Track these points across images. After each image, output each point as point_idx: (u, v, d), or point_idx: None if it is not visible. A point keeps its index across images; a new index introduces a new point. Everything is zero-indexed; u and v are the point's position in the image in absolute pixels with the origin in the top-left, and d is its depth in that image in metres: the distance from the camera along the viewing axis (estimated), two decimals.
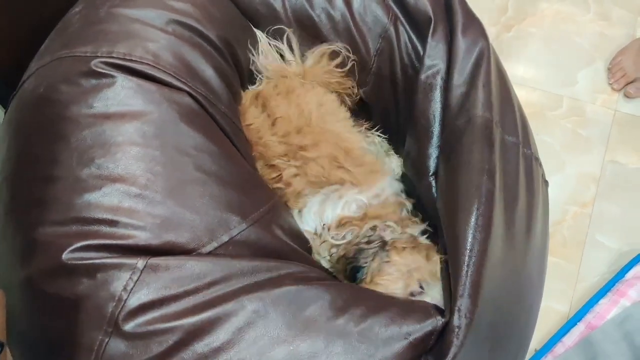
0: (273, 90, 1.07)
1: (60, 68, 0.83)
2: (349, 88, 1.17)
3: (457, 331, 0.74)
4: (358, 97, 1.19)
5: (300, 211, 1.00)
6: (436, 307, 0.81)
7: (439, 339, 0.76)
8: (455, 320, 0.75)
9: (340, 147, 1.02)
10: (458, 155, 0.94)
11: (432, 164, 1.03)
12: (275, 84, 1.09)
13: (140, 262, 0.72)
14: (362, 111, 1.23)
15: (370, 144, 1.14)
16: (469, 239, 0.81)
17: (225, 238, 0.80)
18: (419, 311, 0.79)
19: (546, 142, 1.59)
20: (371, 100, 1.19)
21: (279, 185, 1.00)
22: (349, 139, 1.05)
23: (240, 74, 1.06)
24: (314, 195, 0.99)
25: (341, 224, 0.96)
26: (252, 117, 1.03)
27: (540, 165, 1.06)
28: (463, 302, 0.76)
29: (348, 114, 1.12)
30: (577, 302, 1.36)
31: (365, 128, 1.17)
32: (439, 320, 0.77)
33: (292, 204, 1.00)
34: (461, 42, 1.03)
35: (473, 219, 0.82)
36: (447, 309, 0.78)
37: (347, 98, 1.17)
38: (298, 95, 1.05)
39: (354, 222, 0.95)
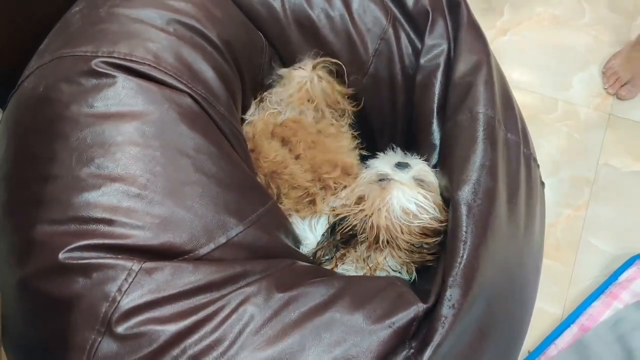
0: (290, 129, 1.12)
1: (60, 67, 0.83)
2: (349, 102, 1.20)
3: (443, 320, 0.75)
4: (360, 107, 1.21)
5: (316, 215, 1.06)
6: (417, 294, 0.82)
7: (422, 325, 0.78)
8: (444, 310, 0.76)
9: (345, 163, 1.12)
10: (457, 150, 0.95)
11: (432, 159, 1.05)
12: (290, 123, 1.14)
13: (135, 265, 0.72)
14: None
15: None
16: (465, 233, 0.82)
17: (222, 240, 0.81)
18: (402, 300, 0.80)
19: (541, 145, 1.59)
20: (366, 101, 1.20)
21: (306, 201, 1.07)
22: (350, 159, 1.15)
23: (241, 74, 1.06)
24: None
25: None
26: (273, 151, 1.09)
27: (538, 166, 1.07)
28: (453, 293, 0.77)
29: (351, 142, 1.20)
30: (570, 304, 1.37)
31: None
32: (420, 307, 0.78)
33: (310, 211, 1.07)
34: (466, 38, 1.05)
35: (470, 214, 0.84)
36: (432, 295, 0.79)
37: (348, 108, 1.20)
38: (323, 142, 1.13)
39: None
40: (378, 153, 1.09)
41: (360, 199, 0.97)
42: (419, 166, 1.00)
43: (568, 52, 1.79)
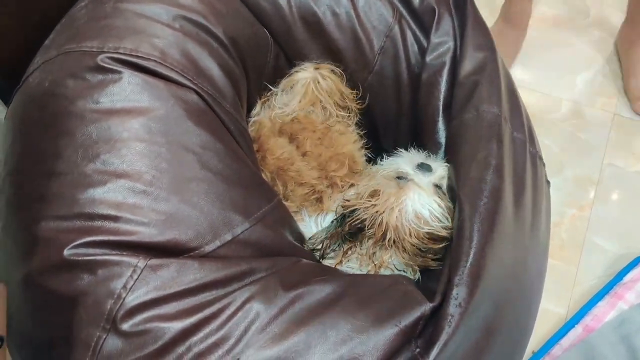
0: (298, 124, 1.12)
1: (66, 62, 0.83)
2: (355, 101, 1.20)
3: (449, 319, 0.75)
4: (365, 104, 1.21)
5: (323, 213, 1.07)
6: (423, 292, 0.82)
7: (428, 324, 0.77)
8: (450, 309, 0.75)
9: (352, 160, 1.13)
10: (464, 149, 0.95)
11: (437, 158, 1.05)
12: (298, 120, 1.14)
13: (141, 261, 0.72)
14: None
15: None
16: (471, 231, 0.82)
17: (228, 237, 0.80)
18: (408, 298, 0.80)
19: (545, 144, 1.59)
20: (371, 99, 1.20)
21: (312, 198, 1.08)
22: (357, 157, 1.16)
23: (246, 71, 1.06)
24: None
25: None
26: (280, 148, 1.09)
27: (544, 164, 1.07)
28: (460, 291, 0.77)
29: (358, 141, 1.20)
30: (574, 304, 1.36)
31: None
32: (427, 306, 0.77)
33: (317, 208, 1.08)
34: (472, 36, 1.05)
35: (477, 212, 0.84)
36: (438, 293, 0.79)
37: (354, 106, 1.20)
38: (330, 138, 1.13)
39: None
40: (398, 151, 1.08)
41: (374, 193, 0.96)
42: (441, 172, 0.98)
43: (572, 51, 1.79)
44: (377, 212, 0.93)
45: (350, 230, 0.95)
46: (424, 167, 0.98)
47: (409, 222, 0.91)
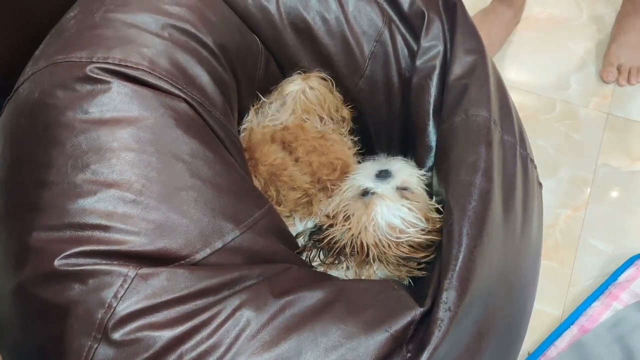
0: (290, 132, 1.12)
1: (55, 73, 0.83)
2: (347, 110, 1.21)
3: (439, 323, 0.75)
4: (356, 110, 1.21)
5: (312, 217, 1.08)
6: (414, 296, 0.82)
7: (419, 329, 0.77)
8: (440, 313, 0.75)
9: (345, 165, 1.12)
10: (453, 153, 0.95)
11: (428, 161, 1.06)
12: (289, 128, 1.14)
13: (131, 271, 0.72)
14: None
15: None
16: (460, 235, 0.82)
17: (218, 245, 0.81)
18: (399, 303, 0.80)
19: (539, 145, 1.59)
20: (362, 103, 1.20)
21: (304, 202, 1.08)
22: (350, 162, 1.15)
23: (237, 79, 1.06)
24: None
25: None
26: (274, 154, 1.09)
27: (535, 167, 1.07)
28: (449, 295, 0.77)
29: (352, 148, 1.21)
30: (569, 305, 1.36)
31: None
32: (417, 311, 0.78)
33: (307, 212, 1.09)
34: (461, 39, 1.06)
35: (465, 216, 0.84)
36: (429, 298, 0.79)
37: (346, 113, 1.20)
38: (324, 144, 1.13)
39: None
40: (359, 165, 1.10)
41: (347, 217, 0.96)
42: (402, 173, 0.99)
43: (566, 51, 1.79)
44: (352, 235, 0.93)
45: (328, 247, 0.96)
46: (382, 175, 0.99)
47: (384, 236, 0.91)
